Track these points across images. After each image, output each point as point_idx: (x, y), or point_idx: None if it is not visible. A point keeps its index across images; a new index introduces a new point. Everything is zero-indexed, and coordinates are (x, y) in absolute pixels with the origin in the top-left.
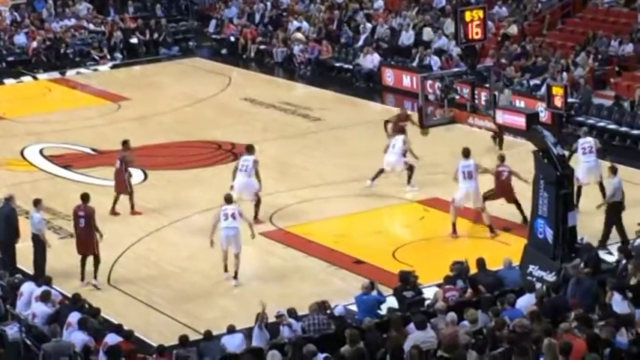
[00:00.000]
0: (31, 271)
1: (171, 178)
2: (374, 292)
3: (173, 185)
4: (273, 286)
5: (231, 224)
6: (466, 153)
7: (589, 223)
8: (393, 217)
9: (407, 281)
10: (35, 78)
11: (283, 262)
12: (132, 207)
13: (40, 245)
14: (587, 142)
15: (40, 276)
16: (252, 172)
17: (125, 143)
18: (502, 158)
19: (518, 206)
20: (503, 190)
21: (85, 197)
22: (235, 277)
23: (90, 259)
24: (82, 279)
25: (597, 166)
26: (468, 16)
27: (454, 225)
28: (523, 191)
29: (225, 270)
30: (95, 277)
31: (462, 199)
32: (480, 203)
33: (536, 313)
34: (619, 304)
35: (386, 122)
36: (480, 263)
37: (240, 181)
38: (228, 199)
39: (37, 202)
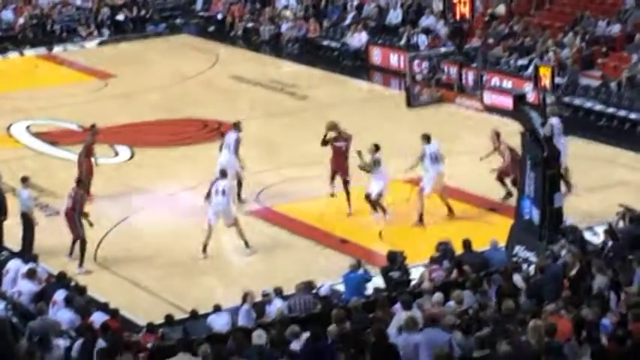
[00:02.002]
0: (17, 248)
1: (158, 156)
2: (360, 271)
3: (159, 163)
4: (259, 265)
5: (221, 200)
6: (428, 137)
7: (576, 203)
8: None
9: (394, 261)
10: (22, 54)
11: (269, 240)
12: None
13: (28, 222)
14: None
15: (28, 253)
16: (234, 149)
17: (92, 127)
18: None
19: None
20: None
21: (79, 182)
22: (247, 246)
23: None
24: (71, 253)
25: None
26: None
27: (421, 215)
28: None
29: (204, 250)
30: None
31: (433, 185)
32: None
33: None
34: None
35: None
36: (466, 244)
37: (222, 159)
38: (223, 173)
39: (25, 180)
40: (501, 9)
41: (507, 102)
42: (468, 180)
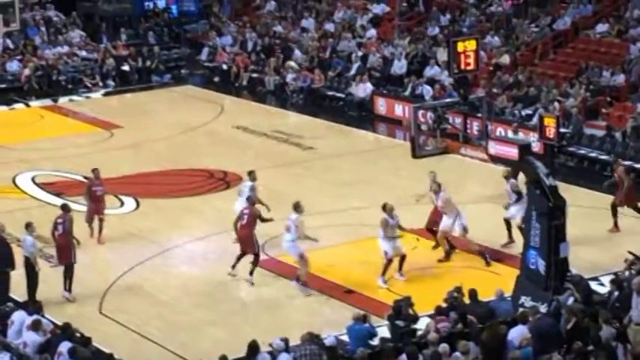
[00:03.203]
0: (22, 299)
1: (163, 206)
2: (366, 325)
3: (165, 213)
4: (265, 316)
5: (286, 237)
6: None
7: (580, 253)
8: None
9: (400, 311)
10: (28, 105)
11: (275, 291)
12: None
13: (31, 267)
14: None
15: (31, 299)
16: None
17: (94, 171)
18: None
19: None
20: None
21: (64, 207)
22: (297, 280)
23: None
24: (66, 288)
25: None
26: (460, 46)
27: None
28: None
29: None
30: (69, 290)
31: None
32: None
33: None
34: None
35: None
36: (472, 294)
37: (237, 206)
38: (296, 207)
39: (28, 225)
40: (506, 59)
41: (512, 152)
42: (473, 229)
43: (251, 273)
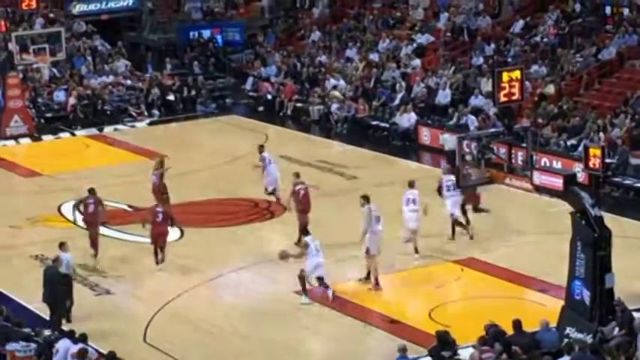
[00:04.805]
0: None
1: (208, 236)
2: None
3: (209, 242)
4: (310, 346)
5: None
6: (368, 198)
7: (626, 284)
8: (429, 277)
9: (445, 341)
10: (73, 134)
11: (318, 321)
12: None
13: (69, 286)
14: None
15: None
16: None
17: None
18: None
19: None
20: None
21: (91, 190)
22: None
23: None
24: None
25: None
26: (505, 76)
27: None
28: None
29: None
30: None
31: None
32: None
33: None
34: None
35: None
36: (516, 325)
37: None
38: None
39: (62, 244)
40: (551, 89)
41: (557, 182)
42: (517, 260)
43: None
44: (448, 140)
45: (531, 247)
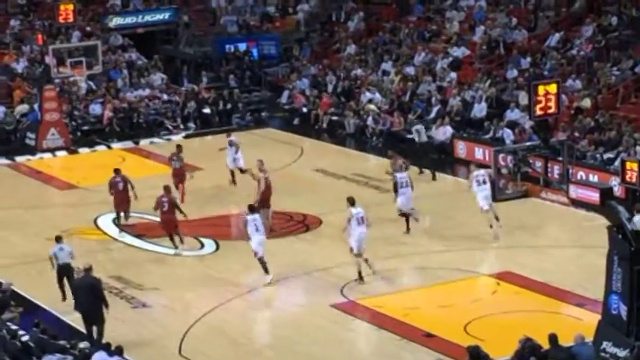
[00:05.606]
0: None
1: (243, 249)
2: None
3: (245, 256)
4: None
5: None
6: (352, 201)
7: None
8: (465, 291)
9: (477, 356)
10: (109, 147)
11: (354, 334)
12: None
13: (72, 272)
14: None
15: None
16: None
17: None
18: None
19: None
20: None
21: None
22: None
23: None
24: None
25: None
26: (541, 90)
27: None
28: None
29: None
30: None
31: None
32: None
33: None
34: None
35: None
36: (552, 339)
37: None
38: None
39: (60, 237)
40: (587, 102)
41: (594, 196)
42: (554, 274)
43: None
44: (420, 132)
45: (568, 261)
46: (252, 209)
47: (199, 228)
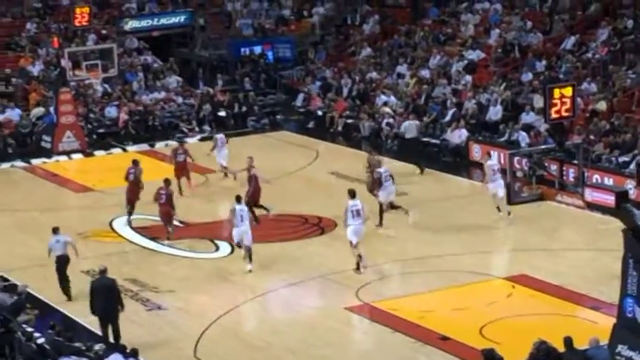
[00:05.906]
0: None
1: (258, 251)
2: None
3: (259, 258)
4: None
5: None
6: (353, 194)
7: None
8: (480, 294)
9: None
10: (124, 150)
11: (367, 337)
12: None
13: (67, 262)
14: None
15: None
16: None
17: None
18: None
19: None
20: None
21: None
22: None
23: None
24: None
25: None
26: (556, 93)
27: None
28: None
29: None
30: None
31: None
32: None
33: None
34: None
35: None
36: (567, 342)
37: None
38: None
39: (56, 229)
40: (602, 105)
41: (609, 199)
42: (569, 277)
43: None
44: (409, 128)
45: (583, 264)
46: (238, 199)
47: (213, 230)
